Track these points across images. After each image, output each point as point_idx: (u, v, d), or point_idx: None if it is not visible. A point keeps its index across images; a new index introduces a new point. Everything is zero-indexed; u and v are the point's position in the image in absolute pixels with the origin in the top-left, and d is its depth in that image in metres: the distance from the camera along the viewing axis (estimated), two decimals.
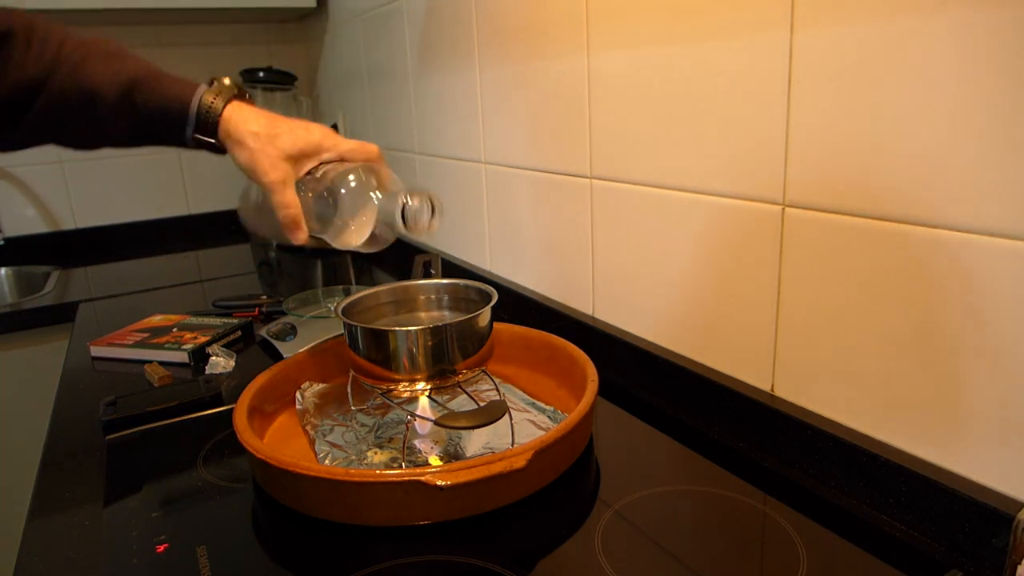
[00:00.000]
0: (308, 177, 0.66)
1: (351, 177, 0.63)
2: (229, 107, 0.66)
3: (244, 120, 0.65)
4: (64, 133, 0.66)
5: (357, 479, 0.56)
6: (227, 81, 0.68)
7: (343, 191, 0.63)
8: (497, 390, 0.73)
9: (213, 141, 0.66)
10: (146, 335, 1.02)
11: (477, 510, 0.58)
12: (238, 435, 0.63)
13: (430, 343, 0.64)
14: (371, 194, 0.63)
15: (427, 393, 0.70)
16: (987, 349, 0.49)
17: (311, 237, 0.65)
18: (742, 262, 0.67)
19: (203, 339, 0.99)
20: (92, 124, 0.64)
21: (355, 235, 0.63)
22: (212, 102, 0.65)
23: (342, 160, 0.67)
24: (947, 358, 0.51)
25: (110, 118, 0.64)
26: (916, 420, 0.54)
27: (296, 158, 0.65)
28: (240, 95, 0.67)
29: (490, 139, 1.07)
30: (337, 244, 0.65)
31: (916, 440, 0.55)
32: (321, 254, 1.60)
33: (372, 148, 0.68)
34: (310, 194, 0.65)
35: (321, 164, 0.67)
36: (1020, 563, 0.41)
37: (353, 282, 1.35)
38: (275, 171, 0.63)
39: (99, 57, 0.64)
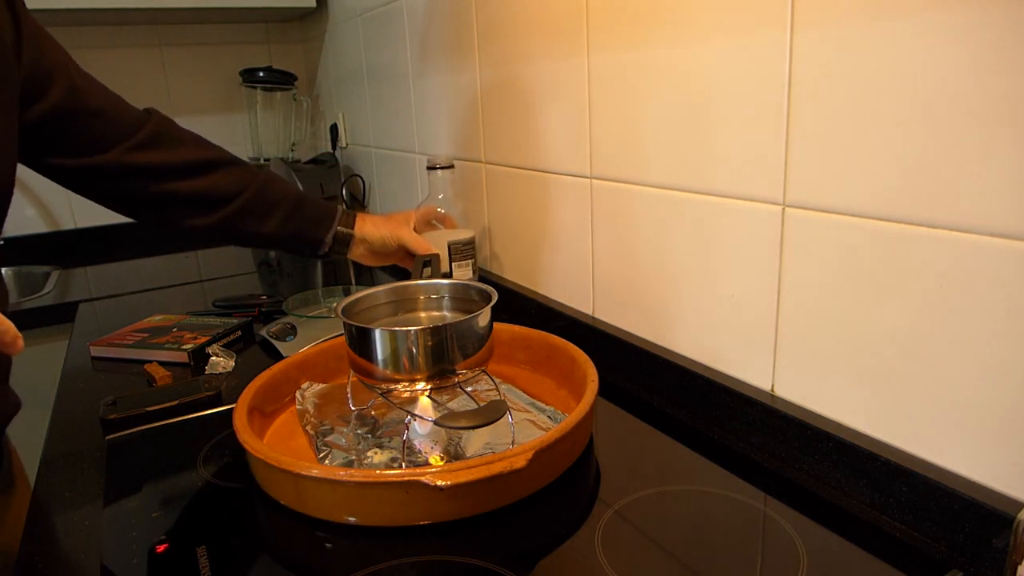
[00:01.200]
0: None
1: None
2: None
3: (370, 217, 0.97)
4: (240, 223, 0.90)
5: (357, 479, 0.56)
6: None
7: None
8: (497, 390, 0.73)
9: (352, 231, 0.94)
10: (146, 335, 1.02)
11: (477, 510, 0.58)
12: (238, 435, 0.63)
13: (430, 343, 0.64)
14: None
15: (427, 393, 0.70)
16: (987, 349, 0.49)
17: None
18: (742, 262, 0.67)
19: (203, 339, 0.99)
20: (266, 220, 0.90)
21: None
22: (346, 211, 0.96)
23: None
24: (947, 358, 0.51)
25: (279, 218, 0.90)
26: (916, 420, 0.54)
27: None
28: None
29: (490, 139, 1.07)
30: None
31: (916, 440, 0.55)
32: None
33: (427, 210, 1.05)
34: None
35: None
36: (1020, 563, 0.41)
37: (353, 282, 1.35)
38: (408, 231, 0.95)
39: (276, 178, 0.93)
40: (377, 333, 0.65)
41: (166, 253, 1.72)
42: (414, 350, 0.64)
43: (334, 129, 1.77)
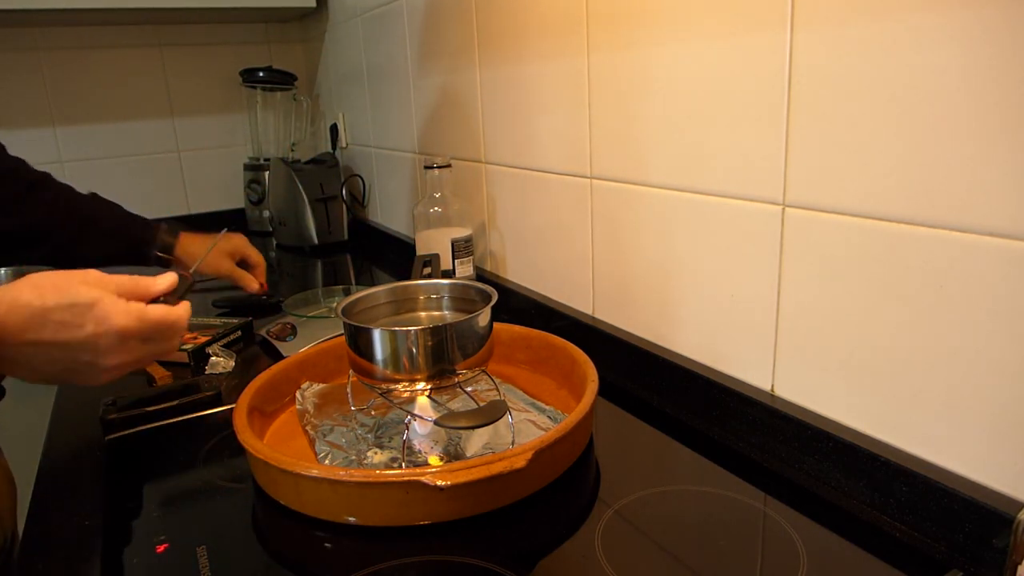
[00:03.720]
0: None
1: None
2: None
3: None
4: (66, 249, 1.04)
5: (357, 479, 0.56)
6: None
7: None
8: (497, 390, 0.73)
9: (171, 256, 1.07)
10: None
11: (477, 510, 0.58)
12: (238, 435, 0.63)
13: (430, 343, 0.64)
14: None
15: (427, 393, 0.70)
16: (986, 349, 0.49)
17: None
18: (742, 262, 0.67)
19: (203, 339, 0.99)
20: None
21: None
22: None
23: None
24: (947, 358, 0.51)
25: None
26: (916, 420, 0.54)
27: None
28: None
29: (491, 139, 1.07)
30: None
31: (916, 440, 0.55)
32: (321, 254, 1.60)
33: None
34: None
35: None
36: (1020, 563, 0.41)
37: (353, 282, 1.35)
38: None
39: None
40: (377, 333, 0.65)
41: None
42: (414, 350, 0.64)
43: (334, 129, 1.77)
